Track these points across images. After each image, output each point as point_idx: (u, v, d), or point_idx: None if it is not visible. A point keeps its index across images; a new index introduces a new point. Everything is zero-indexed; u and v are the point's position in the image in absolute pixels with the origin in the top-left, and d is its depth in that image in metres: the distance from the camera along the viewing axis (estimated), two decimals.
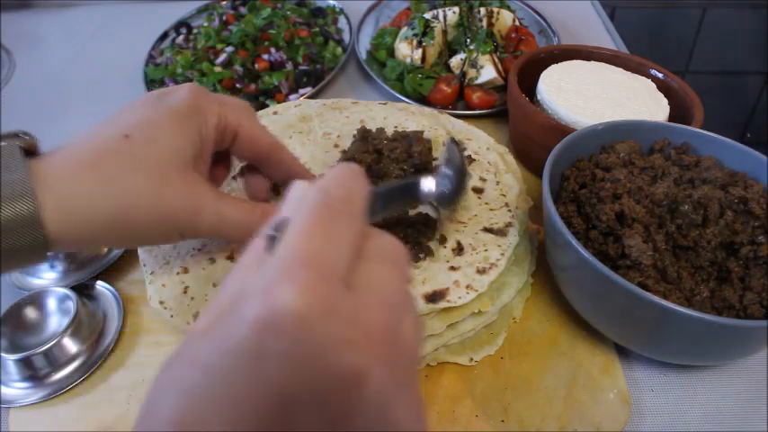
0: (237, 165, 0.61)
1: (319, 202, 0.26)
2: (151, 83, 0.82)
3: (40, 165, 0.37)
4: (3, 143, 0.37)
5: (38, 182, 0.36)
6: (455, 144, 0.49)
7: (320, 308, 0.22)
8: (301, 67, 0.82)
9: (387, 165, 0.56)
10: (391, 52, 0.83)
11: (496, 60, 0.77)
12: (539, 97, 0.66)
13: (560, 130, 0.59)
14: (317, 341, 0.22)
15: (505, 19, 0.83)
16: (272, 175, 0.50)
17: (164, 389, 0.23)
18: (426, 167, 0.58)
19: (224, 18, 0.88)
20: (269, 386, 0.21)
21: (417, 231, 0.52)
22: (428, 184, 0.44)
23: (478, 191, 0.57)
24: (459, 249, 0.51)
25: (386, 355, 0.23)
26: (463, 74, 0.78)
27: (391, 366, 0.23)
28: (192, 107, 0.42)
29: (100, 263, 0.56)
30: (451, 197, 0.46)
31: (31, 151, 0.39)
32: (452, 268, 0.49)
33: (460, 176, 0.47)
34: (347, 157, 0.59)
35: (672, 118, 0.63)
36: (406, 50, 0.80)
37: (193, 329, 0.24)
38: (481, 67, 0.77)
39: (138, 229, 0.40)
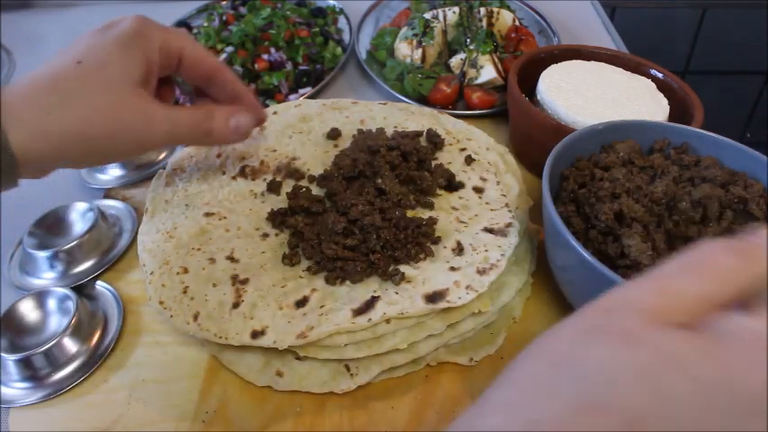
0: (237, 166, 0.61)
1: None
2: None
3: (1, 96, 0.42)
4: None
5: (1, 111, 0.41)
6: None
7: None
8: (301, 67, 0.82)
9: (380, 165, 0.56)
10: (391, 52, 0.83)
11: (496, 60, 0.77)
12: (539, 97, 0.66)
13: (560, 130, 0.59)
14: None
15: (505, 19, 0.83)
16: (218, 95, 0.54)
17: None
18: (423, 169, 0.58)
19: (224, 18, 0.88)
20: None
21: (418, 232, 0.52)
22: None
23: (479, 191, 0.57)
24: (459, 250, 0.51)
25: None
26: (463, 74, 0.78)
27: None
28: (137, 33, 0.47)
29: (100, 263, 0.57)
30: None
31: None
32: (452, 268, 0.49)
33: None
34: (342, 155, 0.59)
35: (672, 118, 0.63)
36: (406, 50, 0.80)
37: (682, 347, 0.23)
38: (481, 67, 0.77)
39: (97, 143, 0.45)
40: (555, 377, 0.23)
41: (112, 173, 0.66)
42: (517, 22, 0.85)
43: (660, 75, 0.68)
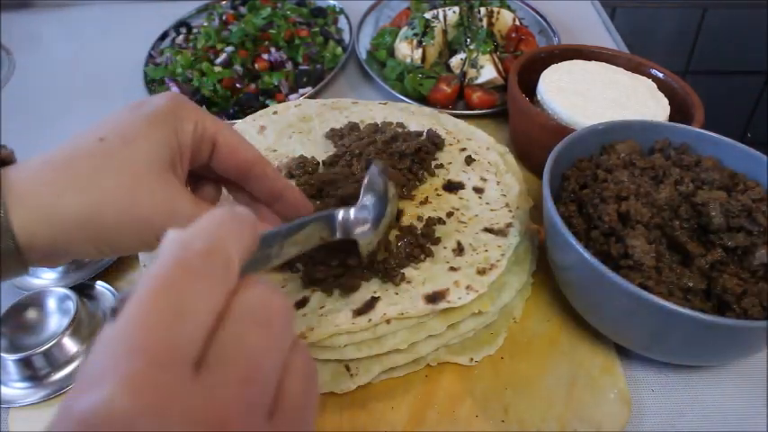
0: None
1: (173, 262, 0.23)
2: (151, 83, 0.82)
3: (9, 172, 0.37)
4: None
5: (6, 188, 0.36)
6: (377, 168, 0.46)
7: (151, 406, 0.19)
8: (301, 67, 0.82)
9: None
10: (391, 52, 0.83)
11: (496, 60, 0.77)
12: (539, 97, 0.66)
13: (560, 130, 0.59)
14: None
15: (506, 19, 0.83)
16: (256, 191, 0.46)
17: None
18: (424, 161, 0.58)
19: (224, 18, 0.88)
20: None
21: (418, 233, 0.52)
22: (344, 215, 0.42)
23: (479, 191, 0.57)
24: (459, 250, 0.51)
25: (259, 427, 0.21)
26: (463, 74, 0.78)
27: None
28: (170, 111, 0.41)
29: (100, 263, 0.56)
30: (372, 226, 0.44)
31: (5, 161, 0.38)
32: (452, 269, 0.49)
33: (382, 204, 0.45)
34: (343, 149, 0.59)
35: (672, 118, 0.63)
36: (406, 50, 0.80)
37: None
38: (481, 67, 0.77)
39: (109, 232, 0.38)
40: None
41: None
42: (517, 22, 0.85)
43: (660, 75, 0.68)
